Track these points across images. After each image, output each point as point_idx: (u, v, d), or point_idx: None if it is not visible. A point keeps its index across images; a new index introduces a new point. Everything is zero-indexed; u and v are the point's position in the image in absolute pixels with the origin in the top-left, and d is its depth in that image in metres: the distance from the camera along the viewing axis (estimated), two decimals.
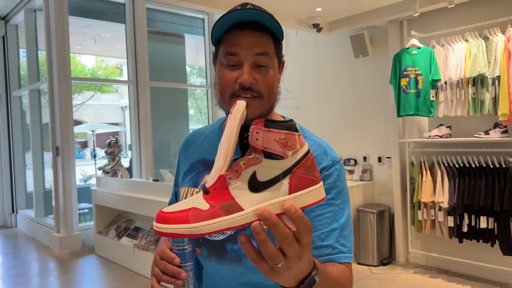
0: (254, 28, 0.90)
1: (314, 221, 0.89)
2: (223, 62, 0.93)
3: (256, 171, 0.60)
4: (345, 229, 0.90)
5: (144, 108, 6.02)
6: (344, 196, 0.93)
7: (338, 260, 0.87)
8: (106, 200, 5.01)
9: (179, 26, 7.03)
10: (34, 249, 5.61)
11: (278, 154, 0.58)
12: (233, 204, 0.59)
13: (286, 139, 0.58)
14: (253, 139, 0.59)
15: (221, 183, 0.61)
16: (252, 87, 0.90)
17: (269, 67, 0.93)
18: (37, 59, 6.40)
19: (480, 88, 3.54)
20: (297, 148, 0.59)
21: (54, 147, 5.39)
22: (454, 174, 3.74)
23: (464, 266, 3.91)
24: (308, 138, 0.99)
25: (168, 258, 0.85)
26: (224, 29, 0.92)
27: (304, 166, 0.60)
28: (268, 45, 0.92)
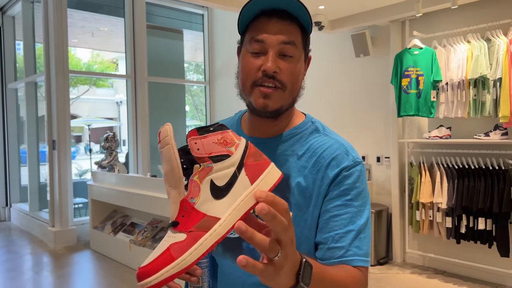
0: (283, 16, 0.88)
1: (329, 221, 0.87)
2: (247, 49, 0.90)
3: (213, 178, 0.59)
4: (362, 232, 0.86)
5: (142, 103, 5.98)
6: (363, 198, 0.90)
7: (351, 263, 0.83)
8: (103, 195, 4.97)
9: (178, 22, 6.99)
10: (28, 243, 5.55)
11: (224, 154, 0.60)
12: (208, 219, 0.57)
13: (223, 137, 0.60)
14: (194, 150, 0.60)
15: (186, 207, 0.59)
16: (275, 76, 0.87)
17: (295, 58, 0.90)
18: (34, 52, 6.33)
19: (481, 90, 3.54)
20: (236, 143, 0.61)
21: (50, 141, 5.33)
22: (453, 175, 3.75)
23: (461, 267, 3.93)
24: (329, 136, 0.96)
25: None
26: (252, 16, 0.90)
27: (251, 154, 0.61)
28: (295, 35, 0.89)
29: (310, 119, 1.00)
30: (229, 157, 0.60)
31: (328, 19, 4.48)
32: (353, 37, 4.53)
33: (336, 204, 0.87)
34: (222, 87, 6.71)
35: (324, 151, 0.92)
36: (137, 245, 4.27)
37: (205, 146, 0.60)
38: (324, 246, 0.85)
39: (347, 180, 0.89)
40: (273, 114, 0.91)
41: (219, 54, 6.78)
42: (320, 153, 0.92)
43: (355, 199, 0.88)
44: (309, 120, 1.00)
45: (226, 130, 0.61)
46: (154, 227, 4.34)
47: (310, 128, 0.97)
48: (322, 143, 0.94)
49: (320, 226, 0.88)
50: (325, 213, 0.88)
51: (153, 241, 4.20)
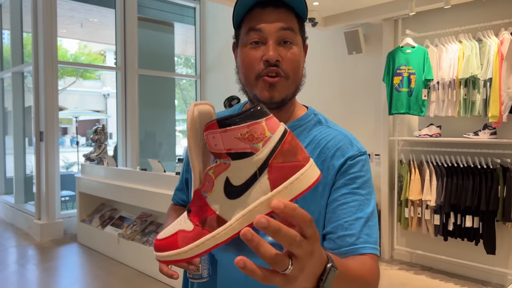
0: (278, 5, 0.87)
1: (337, 210, 0.86)
2: (245, 41, 0.89)
3: (229, 177, 0.53)
4: (371, 219, 0.86)
5: (131, 96, 5.91)
6: (369, 187, 0.90)
7: (362, 250, 0.81)
8: (91, 188, 4.92)
9: (169, 14, 6.92)
10: (13, 236, 5.47)
11: (247, 151, 0.51)
12: (215, 218, 0.54)
13: (250, 131, 0.51)
14: (211, 145, 0.53)
15: (198, 199, 0.56)
16: (278, 65, 0.87)
17: (295, 44, 0.90)
18: (22, 41, 6.20)
19: (471, 90, 3.59)
20: (267, 136, 0.51)
21: (37, 132, 5.25)
22: (442, 173, 3.80)
23: (448, 263, 3.99)
24: (332, 128, 0.96)
25: None
26: (246, 9, 0.89)
27: (281, 154, 0.52)
28: (293, 22, 0.89)
29: (313, 111, 1.01)
30: (253, 155, 0.51)
31: (321, 15, 4.48)
32: (346, 34, 4.54)
33: (343, 192, 0.87)
34: (213, 81, 6.67)
35: (328, 142, 0.92)
36: (126, 239, 4.23)
37: (224, 142, 0.52)
38: (334, 235, 0.84)
39: (353, 168, 0.89)
40: (278, 105, 0.91)
41: (211, 48, 6.73)
42: (324, 144, 0.92)
43: (361, 187, 0.88)
44: (311, 112, 1.00)
45: (257, 121, 0.51)
46: (143, 221, 4.31)
47: (313, 120, 0.98)
48: (326, 135, 0.94)
49: (328, 216, 0.87)
50: (333, 202, 0.87)
51: (142, 235, 4.17)
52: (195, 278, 0.83)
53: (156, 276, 3.87)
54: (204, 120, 0.60)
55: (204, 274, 0.83)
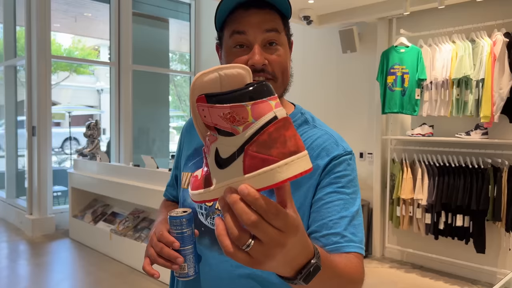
0: (261, 5, 0.86)
1: (322, 209, 0.85)
2: (229, 44, 0.88)
3: (218, 148, 0.56)
4: (355, 219, 0.85)
5: (125, 92, 5.89)
6: (355, 187, 0.90)
7: (347, 249, 0.81)
8: (83, 183, 4.90)
9: (164, 10, 6.89)
10: (3, 231, 5.43)
11: (228, 131, 0.53)
12: (208, 178, 0.59)
13: (232, 113, 0.51)
14: (202, 116, 0.55)
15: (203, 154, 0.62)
16: (264, 69, 0.86)
17: (280, 44, 0.88)
18: (15, 35, 6.15)
19: (464, 90, 3.62)
20: (248, 122, 0.50)
21: (30, 127, 5.21)
22: (434, 173, 3.82)
23: (438, 262, 4.02)
24: (319, 128, 0.96)
25: (166, 241, 0.81)
26: (228, 11, 0.87)
27: (257, 143, 0.51)
28: (277, 22, 0.88)
29: (300, 110, 0.99)
30: (234, 136, 0.52)
31: (316, 13, 4.48)
32: (341, 33, 4.55)
33: (327, 191, 0.86)
34: None
35: (313, 142, 0.91)
36: (118, 235, 4.22)
37: (212, 116, 0.53)
38: (318, 234, 0.83)
39: (338, 168, 0.88)
40: None
41: (206, 45, 6.72)
42: (309, 144, 0.91)
43: (346, 186, 0.87)
44: (298, 111, 0.99)
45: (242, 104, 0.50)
46: (135, 217, 4.30)
47: (299, 120, 0.97)
48: (311, 135, 0.93)
49: (313, 216, 0.86)
50: (317, 201, 0.87)
51: (135, 231, 4.16)
52: (181, 276, 0.83)
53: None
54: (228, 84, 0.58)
55: (190, 273, 0.82)
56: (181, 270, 0.81)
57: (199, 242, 0.94)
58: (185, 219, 0.81)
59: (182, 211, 0.82)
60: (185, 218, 0.81)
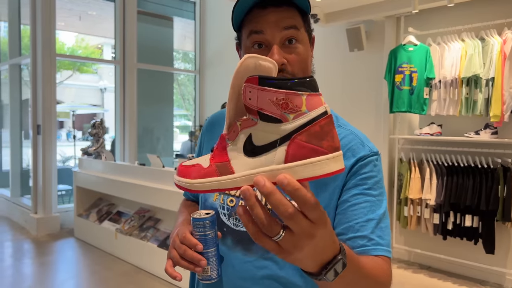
0: (278, 3, 0.83)
1: (348, 211, 0.84)
2: (247, 45, 0.86)
3: (252, 134, 0.55)
4: (382, 221, 0.83)
5: (130, 90, 5.87)
6: (381, 188, 0.88)
7: (374, 252, 0.79)
8: (88, 182, 4.88)
9: (169, 8, 6.87)
10: (8, 229, 5.42)
11: (275, 117, 0.52)
12: (227, 165, 0.56)
13: (286, 99, 0.51)
14: (246, 98, 0.53)
15: (221, 143, 0.58)
16: (284, 68, 0.83)
17: (300, 42, 0.86)
18: (19, 33, 6.14)
19: (473, 89, 3.57)
20: (301, 111, 0.51)
21: (34, 126, 5.20)
22: (443, 172, 3.79)
23: (446, 262, 3.99)
24: (343, 127, 0.94)
25: (189, 244, 0.80)
26: (245, 11, 0.85)
27: (308, 133, 0.51)
28: (295, 18, 0.85)
29: None
30: (280, 123, 0.51)
31: (323, 12, 4.45)
32: (348, 31, 4.51)
33: (353, 193, 0.85)
34: (213, 77, 6.63)
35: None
36: (124, 234, 4.20)
37: (259, 100, 0.52)
38: (344, 237, 0.82)
39: (364, 169, 0.86)
40: None
41: (211, 43, 6.69)
42: None
43: (373, 188, 0.85)
44: None
45: (298, 93, 0.50)
46: (141, 216, 4.28)
47: None
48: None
49: (338, 218, 0.85)
50: (343, 203, 0.85)
51: (140, 230, 4.14)
52: (204, 279, 0.81)
53: (154, 272, 3.85)
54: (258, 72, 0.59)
55: (213, 275, 0.81)
56: (204, 273, 0.80)
57: (222, 242, 0.93)
58: (208, 221, 0.80)
59: (205, 213, 0.81)
60: (208, 220, 0.80)
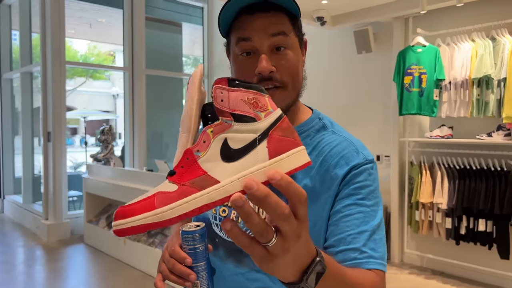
0: (265, 8, 0.80)
1: (340, 222, 0.80)
2: (236, 52, 0.83)
3: (228, 138, 0.52)
4: (376, 233, 0.79)
5: (139, 96, 5.89)
6: (376, 198, 0.84)
7: (366, 265, 0.76)
8: (98, 188, 4.90)
9: (177, 14, 6.90)
10: (20, 236, 5.48)
11: (250, 116, 0.51)
12: (206, 178, 0.51)
13: (255, 99, 0.52)
14: (218, 100, 0.52)
15: (188, 158, 0.53)
16: (272, 76, 0.80)
17: (289, 48, 0.83)
18: (30, 41, 6.23)
19: (485, 90, 3.49)
20: (269, 110, 0.52)
21: (45, 133, 5.25)
22: (454, 176, 3.70)
23: (460, 268, 3.89)
24: (338, 134, 0.90)
25: (178, 258, 0.77)
26: (232, 16, 0.82)
27: (281, 128, 0.52)
28: (284, 23, 0.82)
29: (318, 115, 0.94)
30: (255, 122, 0.52)
31: (330, 14, 4.41)
32: (356, 34, 4.46)
33: (346, 203, 0.81)
34: None
35: (332, 149, 0.86)
36: (132, 240, 4.20)
37: (231, 100, 0.52)
38: (335, 249, 0.78)
39: (358, 178, 0.83)
40: None
41: (218, 48, 6.69)
42: (327, 151, 0.86)
43: (367, 198, 0.82)
44: (316, 116, 0.93)
45: (262, 94, 0.52)
46: None
47: (317, 125, 0.91)
48: (330, 141, 0.87)
49: (331, 229, 0.81)
50: (335, 214, 0.81)
51: (148, 237, 4.13)
52: None
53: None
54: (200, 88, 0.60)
55: None
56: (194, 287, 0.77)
57: (214, 254, 0.90)
58: (197, 234, 0.77)
59: (195, 226, 0.78)
60: (197, 233, 0.77)
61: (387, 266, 3.29)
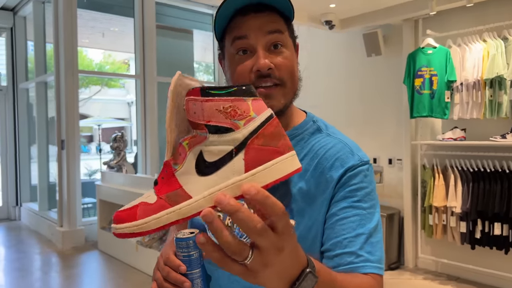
0: (260, 9, 0.81)
1: (336, 226, 0.79)
2: (231, 52, 0.83)
3: (203, 151, 0.51)
4: (373, 236, 0.78)
5: (150, 103, 5.95)
6: (372, 200, 0.83)
7: (362, 270, 0.75)
8: (110, 195, 4.95)
9: (187, 22, 6.96)
10: (37, 243, 5.56)
11: (226, 127, 0.49)
12: (180, 193, 0.51)
13: (233, 107, 0.49)
14: (191, 113, 0.51)
15: (167, 171, 0.53)
16: (271, 73, 0.80)
17: (285, 46, 0.82)
18: (45, 52, 6.35)
19: (497, 90, 3.43)
20: (250, 116, 0.49)
21: (59, 141, 5.33)
22: (468, 179, 3.63)
23: (476, 273, 3.80)
24: (333, 136, 0.89)
25: (172, 265, 0.76)
26: (227, 19, 0.82)
27: (263, 136, 0.49)
28: (279, 23, 0.82)
29: (312, 118, 0.93)
30: (232, 132, 0.49)
31: (338, 18, 4.39)
32: (365, 36, 4.43)
33: (342, 206, 0.80)
34: None
35: (327, 151, 0.85)
36: (144, 246, 4.23)
37: (204, 111, 0.50)
38: (332, 253, 0.77)
39: (353, 180, 0.81)
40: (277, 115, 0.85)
41: None
42: (322, 154, 0.85)
43: (363, 200, 0.81)
44: (310, 119, 0.93)
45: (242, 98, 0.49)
46: None
47: (311, 128, 0.90)
48: (325, 144, 0.86)
49: (327, 232, 0.80)
50: (331, 217, 0.80)
51: (160, 243, 4.15)
52: None
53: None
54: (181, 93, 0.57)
55: None
56: None
57: (209, 261, 0.89)
58: (191, 241, 0.76)
59: (189, 232, 0.78)
60: (191, 240, 0.76)
61: (401, 271, 3.24)
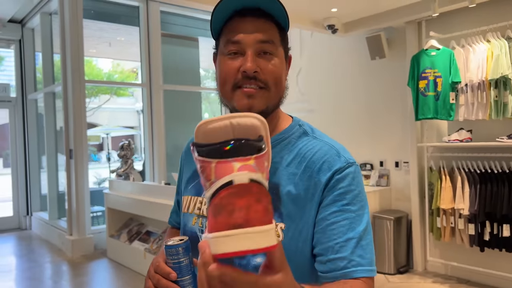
0: (258, 15, 0.83)
1: (327, 230, 0.80)
2: (223, 53, 0.85)
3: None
4: (363, 238, 0.80)
5: (157, 111, 5.99)
6: (361, 202, 0.83)
7: (355, 274, 0.76)
8: (119, 203, 4.99)
9: (193, 29, 7.01)
10: (47, 252, 5.61)
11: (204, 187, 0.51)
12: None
13: (202, 167, 0.49)
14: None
15: None
16: (256, 76, 0.82)
17: (275, 55, 0.85)
18: (52, 62, 6.44)
19: (502, 91, 3.40)
20: (211, 180, 0.48)
21: (67, 150, 5.39)
22: (475, 180, 3.59)
23: (486, 276, 3.75)
24: (319, 139, 0.90)
25: (162, 273, 0.78)
26: (225, 18, 0.85)
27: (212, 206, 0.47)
28: (272, 32, 0.84)
29: (298, 122, 0.95)
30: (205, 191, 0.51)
31: (341, 22, 4.39)
32: (368, 40, 4.43)
33: (332, 210, 0.81)
34: None
35: (314, 155, 0.86)
36: (152, 254, 4.24)
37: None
38: (324, 258, 0.79)
39: (341, 183, 0.82)
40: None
41: None
42: (309, 157, 0.86)
43: (351, 203, 0.81)
44: (296, 123, 0.94)
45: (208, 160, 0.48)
46: None
47: (297, 132, 0.92)
48: (311, 147, 0.87)
49: (317, 237, 0.81)
50: (321, 221, 0.81)
51: None
52: None
53: None
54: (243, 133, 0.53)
55: None
56: None
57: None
58: (181, 247, 0.77)
59: (178, 239, 0.79)
60: (181, 247, 0.77)
61: (410, 275, 3.23)
